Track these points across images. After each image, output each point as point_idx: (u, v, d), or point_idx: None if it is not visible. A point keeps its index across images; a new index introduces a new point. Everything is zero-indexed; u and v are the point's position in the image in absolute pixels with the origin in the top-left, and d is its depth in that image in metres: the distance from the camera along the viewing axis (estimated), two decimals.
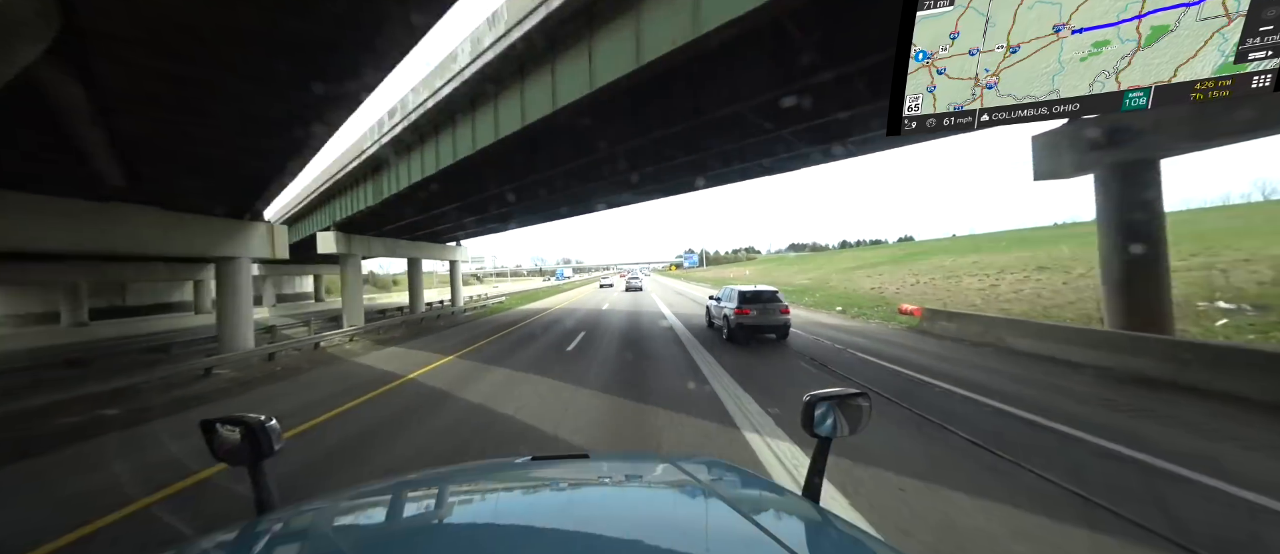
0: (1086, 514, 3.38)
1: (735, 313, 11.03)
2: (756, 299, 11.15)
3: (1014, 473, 4.08)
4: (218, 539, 0.89)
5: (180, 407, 8.39)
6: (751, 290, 11.57)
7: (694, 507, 1.10)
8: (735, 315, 11.01)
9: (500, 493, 1.27)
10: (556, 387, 7.76)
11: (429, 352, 13.10)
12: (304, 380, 10.25)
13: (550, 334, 15.17)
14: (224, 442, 1.16)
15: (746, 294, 11.35)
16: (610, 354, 10.70)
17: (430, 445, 5.41)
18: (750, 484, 1.39)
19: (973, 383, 7.13)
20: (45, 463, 5.71)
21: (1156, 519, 3.22)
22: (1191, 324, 10.63)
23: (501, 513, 1.08)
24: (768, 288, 11.97)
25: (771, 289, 11.86)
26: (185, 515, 4.06)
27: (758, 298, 11.19)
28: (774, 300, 11.23)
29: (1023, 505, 3.52)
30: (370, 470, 4.81)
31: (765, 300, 11.15)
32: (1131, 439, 4.76)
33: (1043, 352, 9.01)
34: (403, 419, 6.55)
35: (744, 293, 11.42)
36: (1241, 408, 5.59)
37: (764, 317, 10.92)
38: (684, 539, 0.88)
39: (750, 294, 11.33)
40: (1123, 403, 6.00)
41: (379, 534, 0.98)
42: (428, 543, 0.89)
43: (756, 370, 8.31)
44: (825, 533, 0.99)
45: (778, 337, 11.39)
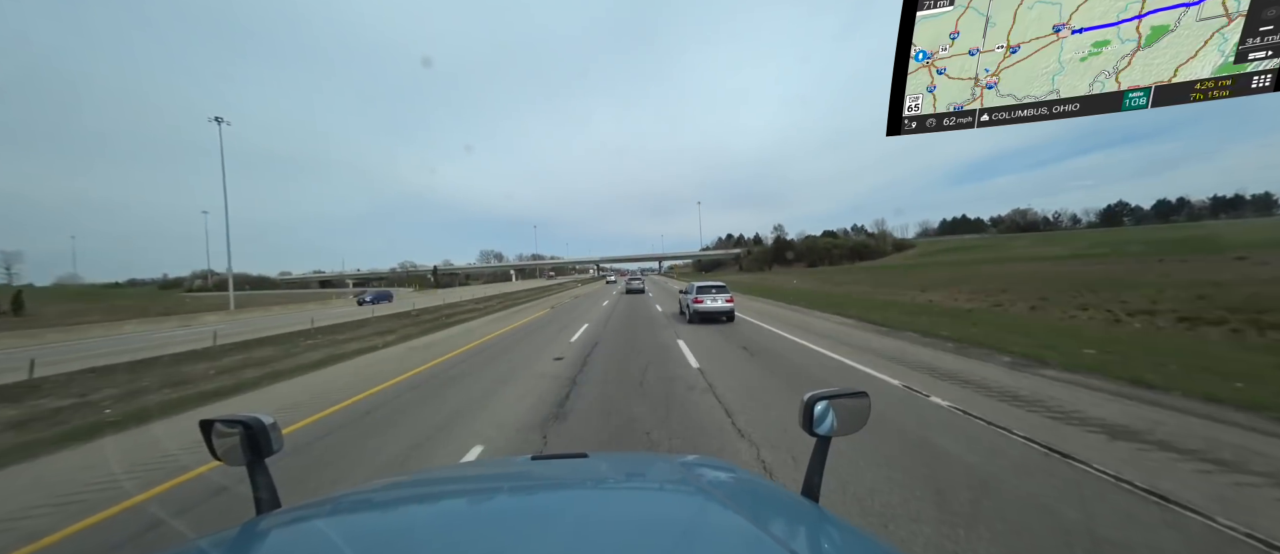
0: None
1: (692, 302, 14.55)
2: (706, 291, 14.73)
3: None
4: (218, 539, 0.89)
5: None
6: (702, 284, 15.63)
7: (693, 506, 1.10)
8: (692, 304, 14.54)
9: (500, 493, 1.27)
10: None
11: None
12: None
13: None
14: (223, 441, 1.16)
15: (700, 287, 15.15)
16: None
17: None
18: (750, 484, 1.39)
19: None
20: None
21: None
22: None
23: (501, 513, 1.08)
24: (716, 282, 15.84)
25: (720, 283, 15.71)
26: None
27: (707, 291, 14.78)
28: (722, 291, 14.68)
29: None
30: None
31: (714, 292, 14.65)
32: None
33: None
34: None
35: (698, 286, 15.31)
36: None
37: (713, 304, 14.30)
38: (683, 539, 0.88)
39: (701, 288, 15.10)
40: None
41: (379, 534, 0.98)
42: (428, 543, 0.89)
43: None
44: (825, 533, 0.99)
45: (726, 319, 14.47)
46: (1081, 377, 6.60)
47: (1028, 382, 6.46)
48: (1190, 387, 5.72)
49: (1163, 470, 3.66)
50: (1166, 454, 3.96)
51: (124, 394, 7.86)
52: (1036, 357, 7.92)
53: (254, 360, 11.10)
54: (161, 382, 8.90)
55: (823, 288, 31.93)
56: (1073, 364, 7.27)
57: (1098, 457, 3.92)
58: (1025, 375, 6.82)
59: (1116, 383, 6.19)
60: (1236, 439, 4.22)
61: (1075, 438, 4.38)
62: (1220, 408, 5.02)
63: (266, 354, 12.04)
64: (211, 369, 10.19)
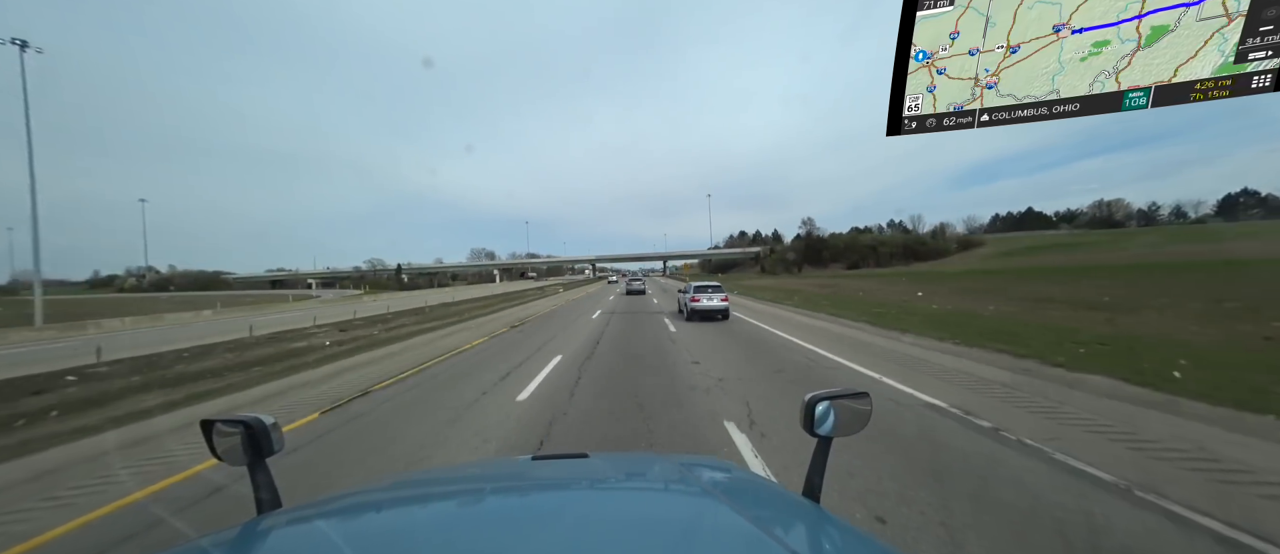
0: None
1: (690, 300, 15.20)
2: (703, 290, 15.46)
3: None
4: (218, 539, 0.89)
5: None
6: (699, 284, 16.38)
7: (693, 506, 1.10)
8: (690, 303, 15.18)
9: (500, 493, 1.26)
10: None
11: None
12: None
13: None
14: (224, 441, 1.16)
15: (698, 286, 15.95)
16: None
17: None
18: (750, 484, 1.38)
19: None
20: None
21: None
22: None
23: (501, 512, 1.08)
24: (712, 282, 16.81)
25: (716, 282, 16.72)
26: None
27: (703, 290, 15.45)
28: (718, 290, 15.42)
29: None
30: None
31: (711, 291, 15.38)
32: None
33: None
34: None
35: (696, 286, 16.05)
36: None
37: (709, 303, 15.00)
38: (683, 539, 0.88)
39: (697, 287, 15.84)
40: None
41: (379, 534, 0.98)
42: (428, 542, 0.89)
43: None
44: (825, 533, 0.99)
45: (722, 317, 15.08)
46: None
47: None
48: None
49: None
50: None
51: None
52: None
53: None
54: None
55: (940, 304, 17.00)
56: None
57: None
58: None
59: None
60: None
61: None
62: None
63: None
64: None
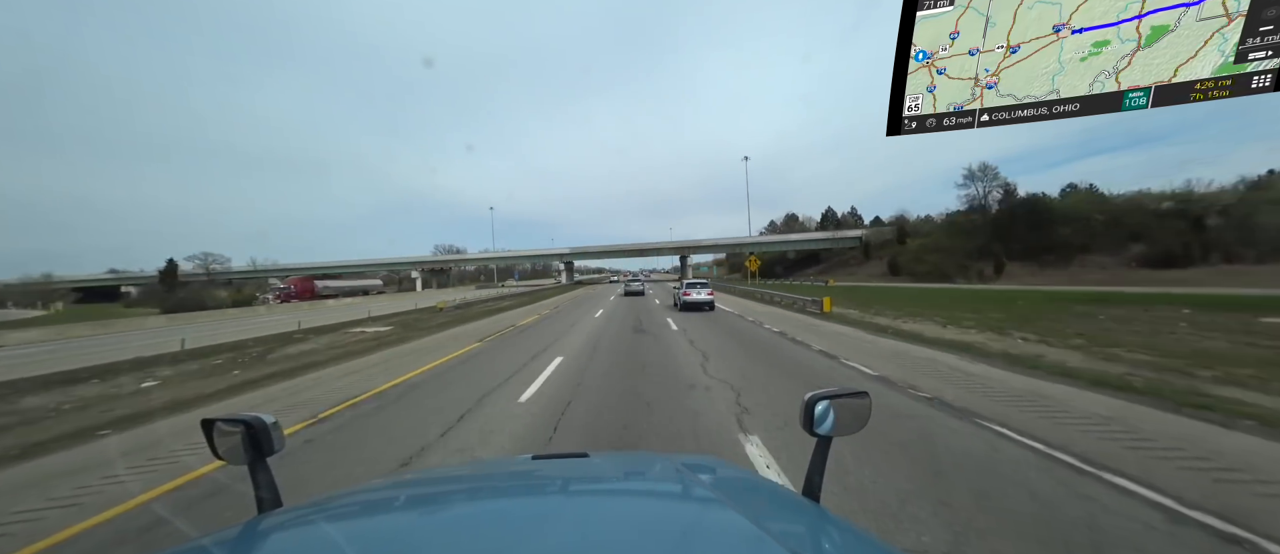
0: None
1: (682, 294, 18.59)
2: (693, 287, 18.94)
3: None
4: (218, 538, 0.89)
5: None
6: (691, 281, 20.20)
7: (693, 506, 1.10)
8: (682, 296, 18.55)
9: (501, 492, 1.27)
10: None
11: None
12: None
13: None
14: (224, 440, 1.16)
15: (689, 283, 19.57)
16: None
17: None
18: (750, 483, 1.38)
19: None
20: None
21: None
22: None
23: (501, 512, 1.08)
24: (701, 280, 21.18)
25: (703, 280, 21.01)
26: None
27: (694, 286, 18.95)
28: (704, 286, 18.94)
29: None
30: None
31: (699, 287, 18.85)
32: None
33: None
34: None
35: (687, 283, 19.85)
36: None
37: (697, 296, 18.15)
38: (683, 538, 0.88)
39: (689, 284, 19.43)
40: None
41: (379, 533, 0.98)
42: (428, 542, 0.89)
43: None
44: (825, 533, 0.99)
45: (709, 308, 18.20)
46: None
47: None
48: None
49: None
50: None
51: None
52: None
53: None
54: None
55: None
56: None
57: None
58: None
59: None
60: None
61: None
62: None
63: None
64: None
